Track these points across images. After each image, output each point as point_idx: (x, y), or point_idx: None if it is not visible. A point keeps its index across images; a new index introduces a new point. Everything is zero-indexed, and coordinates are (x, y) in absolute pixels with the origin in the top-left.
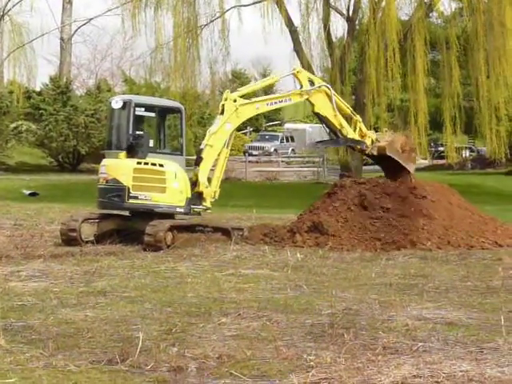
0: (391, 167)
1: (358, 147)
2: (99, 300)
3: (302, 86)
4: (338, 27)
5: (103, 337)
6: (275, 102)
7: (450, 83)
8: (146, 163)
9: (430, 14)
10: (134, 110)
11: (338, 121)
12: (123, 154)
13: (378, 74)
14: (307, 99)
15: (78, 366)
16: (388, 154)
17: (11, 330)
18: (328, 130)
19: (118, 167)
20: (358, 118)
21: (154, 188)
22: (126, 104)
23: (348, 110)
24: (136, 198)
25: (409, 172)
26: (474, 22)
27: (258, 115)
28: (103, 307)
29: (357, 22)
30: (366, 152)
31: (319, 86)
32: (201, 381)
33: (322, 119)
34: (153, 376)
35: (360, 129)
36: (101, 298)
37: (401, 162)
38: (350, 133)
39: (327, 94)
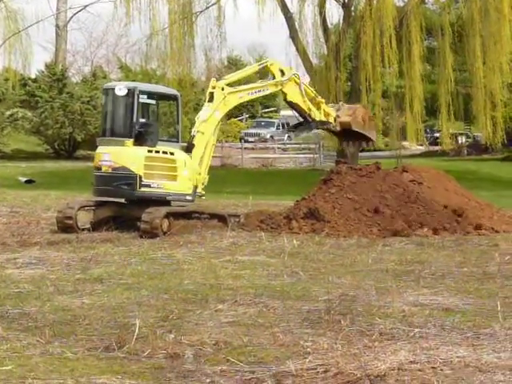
0: (352, 137)
1: (325, 127)
2: (96, 287)
3: (274, 77)
4: (334, 13)
5: (100, 324)
6: (255, 92)
7: (445, 69)
8: (157, 151)
9: (426, 0)
10: (139, 98)
11: (306, 105)
12: (130, 141)
13: (374, 61)
14: (281, 90)
15: (74, 353)
16: (354, 129)
17: (8, 317)
18: (298, 116)
19: (128, 155)
20: (320, 99)
21: (166, 176)
22: (130, 91)
23: (312, 93)
24: (148, 186)
25: (370, 139)
26: (469, 8)
27: (253, 102)
28: (100, 294)
29: (352, 9)
30: (332, 130)
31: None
32: (197, 367)
33: (293, 106)
34: (149, 363)
35: (323, 109)
36: (97, 285)
37: (365, 133)
38: (317, 115)
39: (296, 82)
